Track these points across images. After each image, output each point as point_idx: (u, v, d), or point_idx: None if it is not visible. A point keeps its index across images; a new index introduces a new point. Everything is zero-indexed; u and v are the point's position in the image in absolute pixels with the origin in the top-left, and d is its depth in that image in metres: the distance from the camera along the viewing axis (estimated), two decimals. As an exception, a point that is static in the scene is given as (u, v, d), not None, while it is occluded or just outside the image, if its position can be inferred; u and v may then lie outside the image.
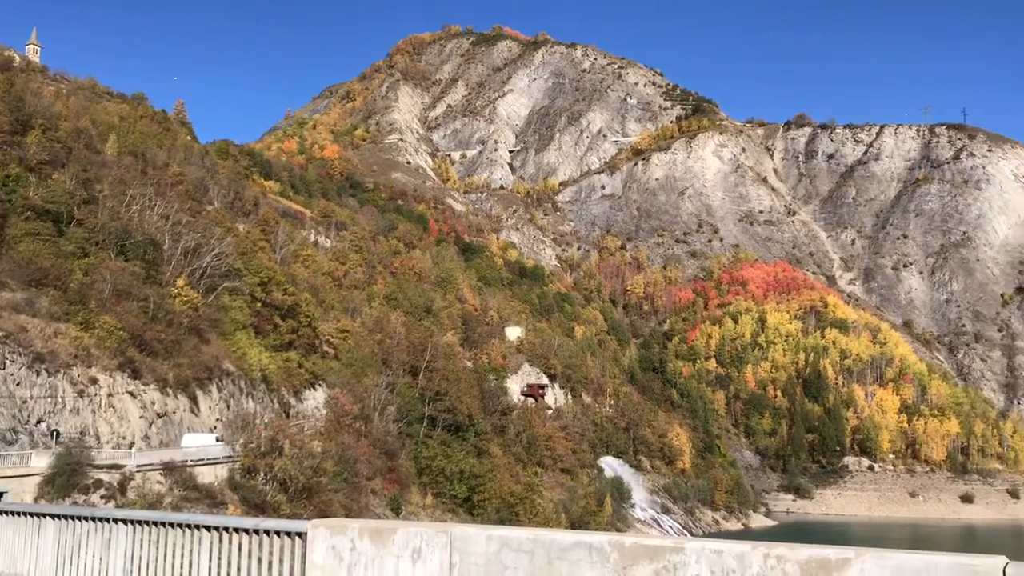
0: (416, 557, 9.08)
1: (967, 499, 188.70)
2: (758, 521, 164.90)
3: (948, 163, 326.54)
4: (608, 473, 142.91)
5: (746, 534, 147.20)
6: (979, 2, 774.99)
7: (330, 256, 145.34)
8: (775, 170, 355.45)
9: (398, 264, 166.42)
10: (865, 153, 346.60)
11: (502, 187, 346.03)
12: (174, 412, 64.26)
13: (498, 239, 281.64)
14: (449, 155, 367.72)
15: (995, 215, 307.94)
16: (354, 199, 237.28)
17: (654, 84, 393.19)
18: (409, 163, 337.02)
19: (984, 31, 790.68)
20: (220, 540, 11.24)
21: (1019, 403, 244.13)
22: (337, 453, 73.76)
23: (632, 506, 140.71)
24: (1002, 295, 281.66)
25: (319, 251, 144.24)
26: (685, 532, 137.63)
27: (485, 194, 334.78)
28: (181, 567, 11.60)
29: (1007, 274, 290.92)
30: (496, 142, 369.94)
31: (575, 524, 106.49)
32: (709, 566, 7.41)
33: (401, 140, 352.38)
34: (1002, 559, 6.42)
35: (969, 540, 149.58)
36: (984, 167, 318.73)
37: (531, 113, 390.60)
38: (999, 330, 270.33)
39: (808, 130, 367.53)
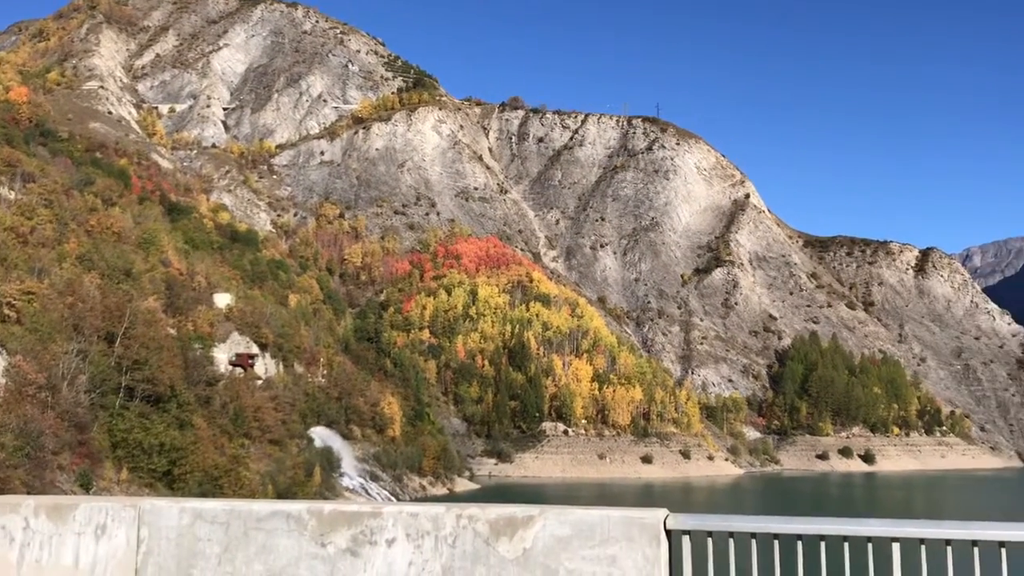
0: (100, 533, 8.57)
1: (647, 460, 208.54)
2: (463, 485, 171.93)
3: (642, 153, 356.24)
4: (318, 443, 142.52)
5: (451, 497, 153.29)
6: (673, 7, 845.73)
7: (14, 210, 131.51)
8: (490, 149, 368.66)
9: (94, 222, 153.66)
10: (571, 139, 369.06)
11: (214, 146, 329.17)
12: None
13: (208, 200, 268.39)
14: (156, 108, 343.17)
15: (680, 203, 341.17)
16: (45, 149, 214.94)
17: (376, 53, 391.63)
18: (111, 113, 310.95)
19: (677, 33, 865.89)
20: None
21: (693, 373, 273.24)
22: (18, 426, 67.91)
23: (342, 475, 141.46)
24: (682, 276, 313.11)
25: (2, 204, 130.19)
26: (392, 498, 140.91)
27: (196, 152, 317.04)
28: None
29: (687, 257, 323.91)
30: (209, 98, 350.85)
31: (282, 495, 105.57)
32: (405, 528, 7.79)
33: (102, 88, 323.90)
34: (663, 511, 7.31)
35: (647, 496, 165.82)
36: (672, 159, 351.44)
37: (248, 71, 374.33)
38: (679, 307, 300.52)
39: (521, 113, 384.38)
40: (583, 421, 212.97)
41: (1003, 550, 6.70)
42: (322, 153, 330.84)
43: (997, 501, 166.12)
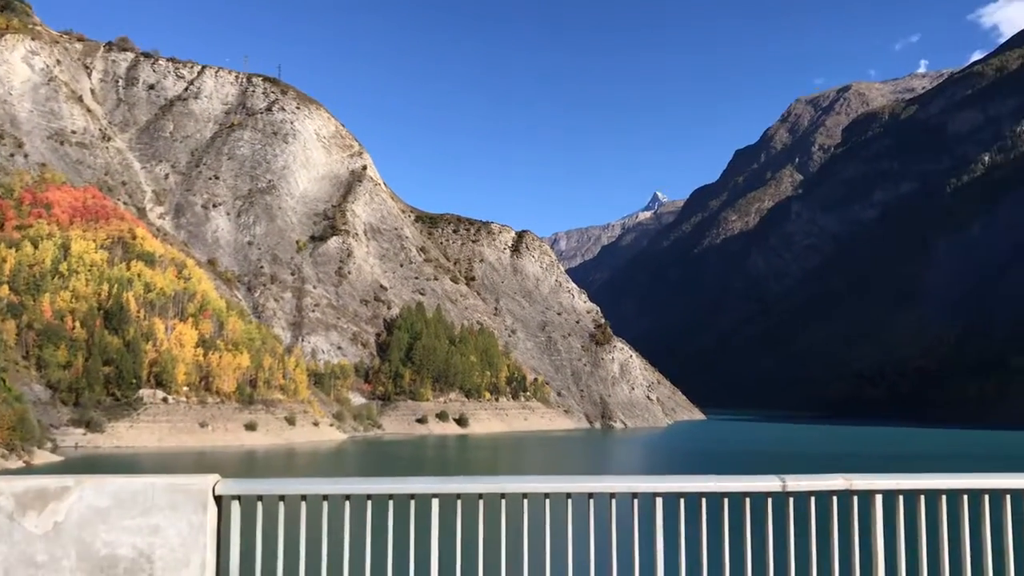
0: None
1: (251, 427, 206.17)
2: (43, 457, 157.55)
3: (262, 113, 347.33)
4: None
5: (27, 471, 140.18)
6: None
7: None
8: (92, 91, 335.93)
9: None
10: (186, 90, 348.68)
11: None
12: None
13: None
14: None
15: (298, 168, 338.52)
16: None
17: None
18: None
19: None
20: None
21: (303, 340, 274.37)
22: None
23: None
24: (297, 242, 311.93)
25: None
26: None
27: None
28: None
29: (303, 223, 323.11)
30: None
31: None
32: None
33: None
34: (214, 477, 7.34)
35: (248, 462, 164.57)
36: (292, 123, 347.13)
37: None
38: (292, 274, 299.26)
39: (131, 56, 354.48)
40: (185, 388, 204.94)
41: (547, 499, 7.99)
42: None
43: (562, 456, 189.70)
